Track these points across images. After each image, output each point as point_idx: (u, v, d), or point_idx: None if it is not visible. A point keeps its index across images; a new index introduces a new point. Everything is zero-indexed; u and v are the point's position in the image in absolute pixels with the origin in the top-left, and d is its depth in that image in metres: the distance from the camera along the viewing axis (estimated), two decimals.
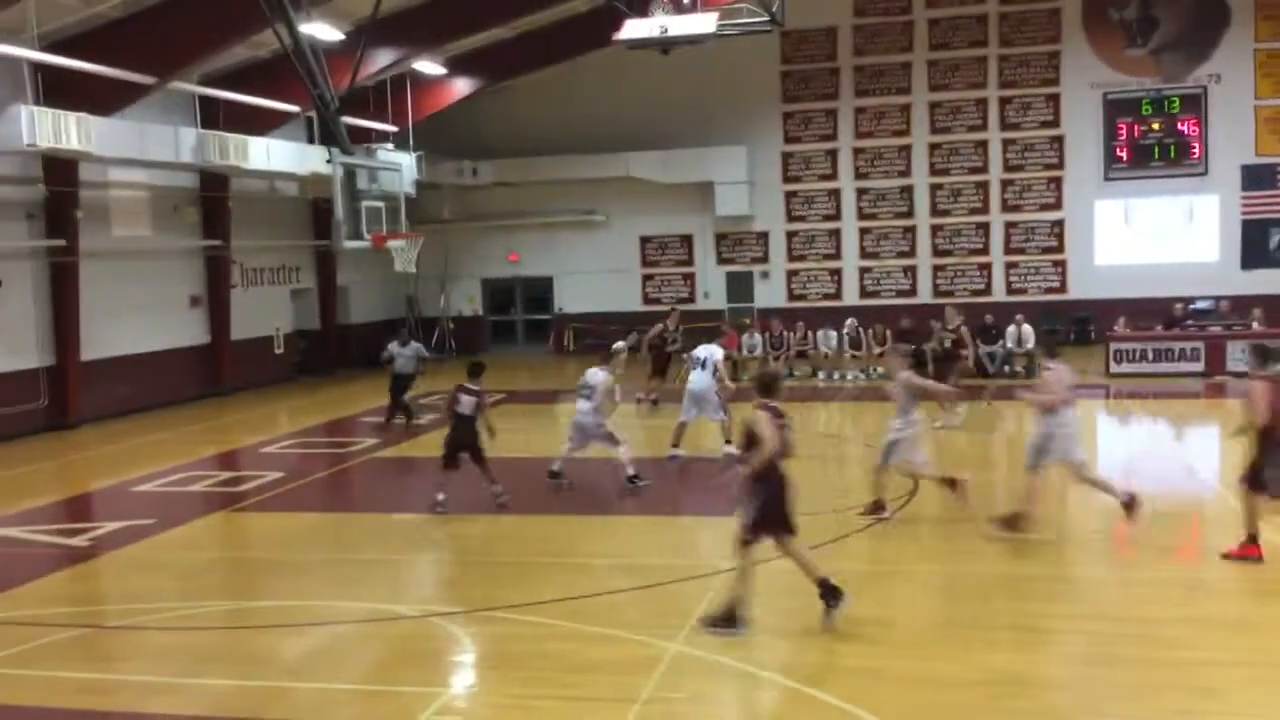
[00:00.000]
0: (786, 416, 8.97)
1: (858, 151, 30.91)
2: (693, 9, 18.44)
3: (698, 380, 15.54)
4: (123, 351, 22.52)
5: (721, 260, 32.10)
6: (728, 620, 8.67)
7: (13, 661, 8.65)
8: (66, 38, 19.14)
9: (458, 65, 28.24)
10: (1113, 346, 23.65)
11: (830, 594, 8.70)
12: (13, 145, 17.69)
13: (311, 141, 26.35)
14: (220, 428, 21.45)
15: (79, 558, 12.06)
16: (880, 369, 24.62)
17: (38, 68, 18.85)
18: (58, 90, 18.92)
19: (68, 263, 20.74)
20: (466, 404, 12.91)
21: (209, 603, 10.18)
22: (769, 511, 8.71)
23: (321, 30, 20.05)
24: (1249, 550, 10.14)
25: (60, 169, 20.19)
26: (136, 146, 20.69)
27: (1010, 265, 30.38)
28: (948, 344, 19.81)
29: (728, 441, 15.19)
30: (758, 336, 25.46)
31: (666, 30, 17.51)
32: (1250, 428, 10.19)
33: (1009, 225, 30.30)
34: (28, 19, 17.96)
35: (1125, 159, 29.20)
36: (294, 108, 23.74)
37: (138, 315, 23.05)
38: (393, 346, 19.63)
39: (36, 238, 20.51)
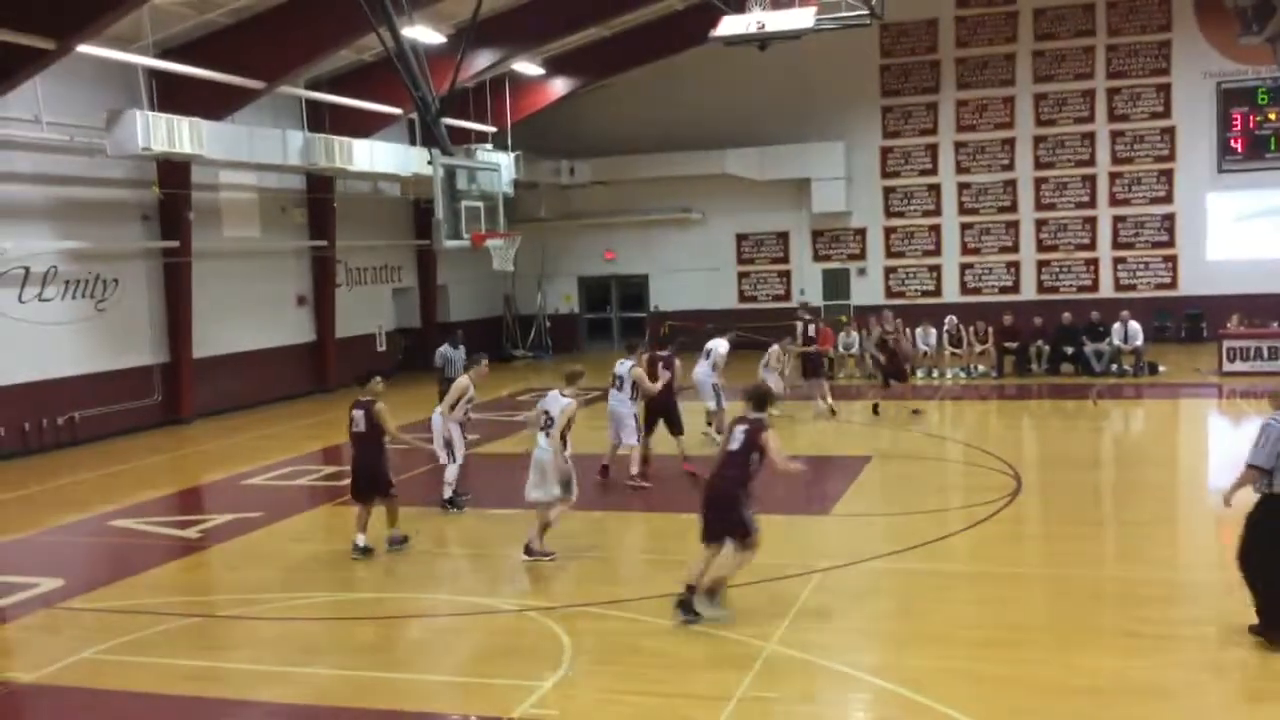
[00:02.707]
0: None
1: (959, 145, 30.39)
2: (790, 4, 18.28)
3: (612, 398, 14.66)
4: (233, 349, 23.20)
5: (818, 257, 31.84)
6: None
7: (128, 648, 8.97)
8: (179, 45, 19.75)
9: (555, 65, 28.46)
10: (1225, 344, 22.88)
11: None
12: (128, 149, 18.24)
13: (413, 143, 26.81)
14: (325, 423, 21.89)
15: (191, 549, 12.45)
16: (981, 367, 24.23)
17: (152, 74, 19.53)
18: (170, 95, 19.60)
19: (181, 263, 21.41)
20: (358, 420, 11.40)
21: (313, 594, 10.42)
22: None
23: (423, 34, 20.36)
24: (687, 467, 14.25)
25: (173, 172, 20.84)
26: (246, 149, 21.23)
27: (1118, 260, 29.58)
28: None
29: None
30: (854, 334, 25.17)
31: (764, 26, 17.39)
32: (648, 394, 14.35)
33: (1117, 219, 29.50)
34: (142, 27, 18.57)
35: (1240, 150, 28.22)
36: (397, 110, 24.15)
37: (247, 314, 23.73)
38: (445, 350, 18.59)
39: (151, 239, 21.22)
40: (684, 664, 8.19)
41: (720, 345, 17.36)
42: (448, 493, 13.19)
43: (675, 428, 15.06)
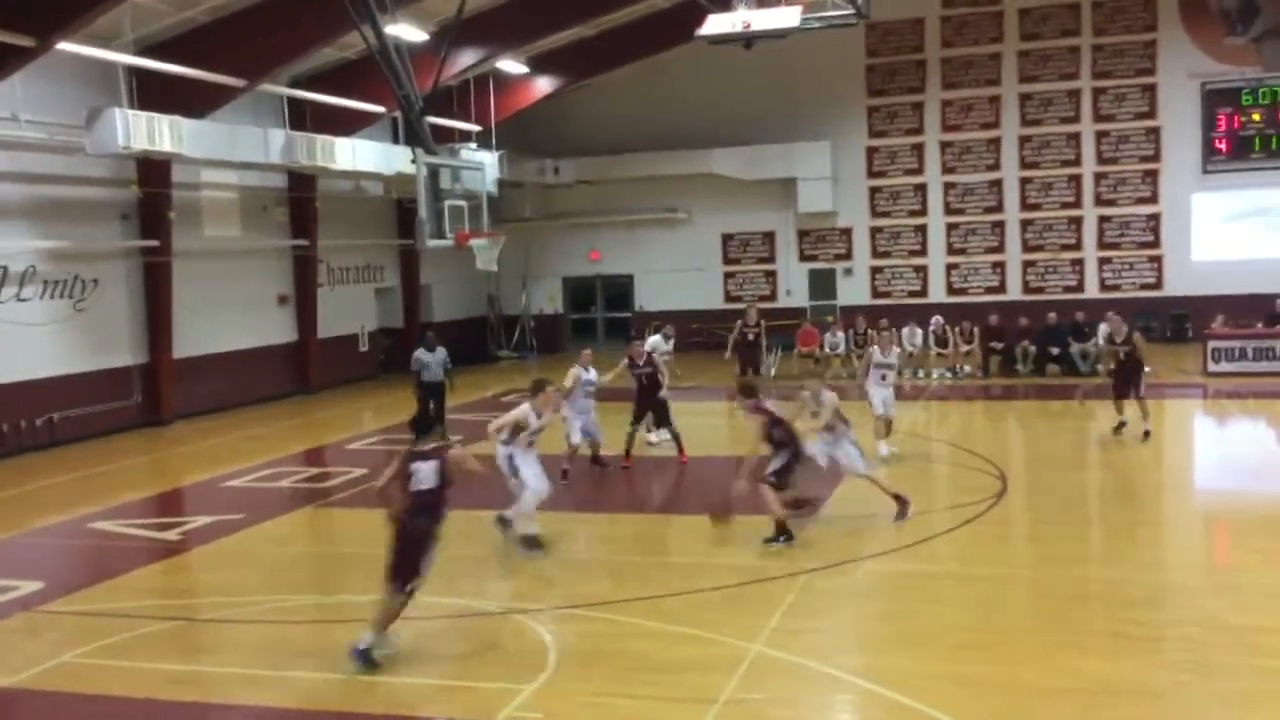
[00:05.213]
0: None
1: (945, 145, 30.42)
2: (776, 3, 18.24)
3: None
4: (214, 349, 23.01)
5: (804, 257, 31.82)
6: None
7: (108, 652, 8.87)
8: (159, 42, 19.59)
9: (540, 64, 28.37)
10: (1210, 345, 22.94)
11: None
12: (108, 148, 18.06)
13: (396, 142, 26.68)
14: (307, 425, 21.80)
15: (171, 551, 12.32)
16: (967, 367, 24.26)
17: (132, 72, 19.36)
18: (151, 93, 19.43)
19: (161, 262, 21.24)
20: (423, 474, 8.46)
21: (296, 596, 10.32)
22: None
23: (406, 31, 20.25)
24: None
25: (153, 170, 20.67)
26: (227, 148, 21.02)
27: (1104, 261, 29.65)
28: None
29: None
30: (840, 334, 25.17)
31: (749, 25, 17.34)
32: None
33: (1102, 219, 29.58)
34: (123, 24, 18.42)
35: (1225, 151, 28.32)
36: (379, 109, 24.03)
37: (228, 314, 23.55)
38: (420, 354, 17.70)
39: (131, 238, 21.04)
40: (669, 666, 8.12)
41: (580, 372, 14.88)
42: (530, 527, 11.19)
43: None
